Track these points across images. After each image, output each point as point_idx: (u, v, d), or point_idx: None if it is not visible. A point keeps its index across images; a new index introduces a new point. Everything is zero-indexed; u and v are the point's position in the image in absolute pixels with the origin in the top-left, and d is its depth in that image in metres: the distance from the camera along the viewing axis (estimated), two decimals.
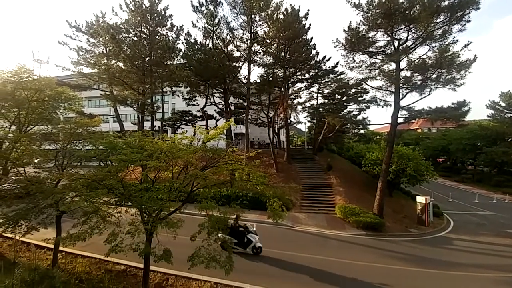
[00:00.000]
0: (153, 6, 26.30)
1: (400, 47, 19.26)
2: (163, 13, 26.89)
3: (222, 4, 25.21)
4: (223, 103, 30.54)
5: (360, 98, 27.71)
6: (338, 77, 28.19)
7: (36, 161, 11.06)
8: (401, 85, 19.56)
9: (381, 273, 11.47)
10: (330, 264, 11.91)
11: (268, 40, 25.20)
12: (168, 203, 7.75)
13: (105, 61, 27.55)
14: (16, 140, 10.98)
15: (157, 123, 34.12)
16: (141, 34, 26.60)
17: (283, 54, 26.00)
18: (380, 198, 19.07)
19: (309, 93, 33.21)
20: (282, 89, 29.31)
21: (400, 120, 20.22)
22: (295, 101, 34.32)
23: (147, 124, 30.12)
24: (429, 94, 19.53)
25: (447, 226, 20.36)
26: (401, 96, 19.72)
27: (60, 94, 13.51)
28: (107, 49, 27.46)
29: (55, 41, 48.47)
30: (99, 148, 9.30)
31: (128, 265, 10.61)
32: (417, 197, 21.15)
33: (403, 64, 19.37)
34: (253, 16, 24.07)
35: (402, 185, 26.59)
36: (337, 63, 27.86)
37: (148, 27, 26.48)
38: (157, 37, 27.14)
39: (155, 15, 26.47)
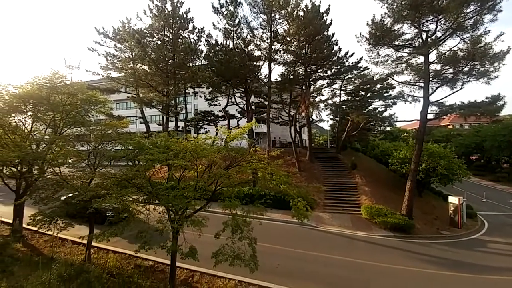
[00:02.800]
0: (175, 10, 26.96)
1: (429, 39, 18.26)
2: (184, 16, 27.48)
3: (242, 4, 25.32)
4: (244, 102, 30.67)
5: (385, 94, 26.62)
6: (362, 73, 27.31)
7: (70, 161, 11.74)
8: (430, 79, 18.55)
9: (413, 276, 11.01)
10: (357, 266, 11.58)
11: (288, 38, 24.97)
12: (193, 201, 7.92)
13: (131, 65, 28.67)
14: (51, 142, 11.73)
15: (181, 124, 34.98)
16: (165, 38, 27.35)
17: (304, 51, 25.63)
18: (409, 198, 18.25)
19: (332, 90, 32.57)
20: (304, 87, 28.92)
21: (430, 116, 19.19)
22: (317, 99, 33.73)
23: (171, 125, 31.00)
24: (461, 88, 18.41)
25: (481, 228, 19.25)
26: (430, 90, 18.74)
27: (91, 97, 14.26)
28: (133, 54, 28.54)
29: (85, 47, 51.27)
30: (128, 149, 9.69)
31: (156, 261, 10.99)
32: (449, 197, 20.08)
33: (432, 57, 18.39)
34: (272, 14, 23.97)
35: (433, 185, 25.33)
36: (361, 59, 27.06)
37: (171, 31, 27.17)
38: (180, 40, 27.78)
39: (177, 18, 27.11)
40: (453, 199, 19.17)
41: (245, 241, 7.97)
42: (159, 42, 27.53)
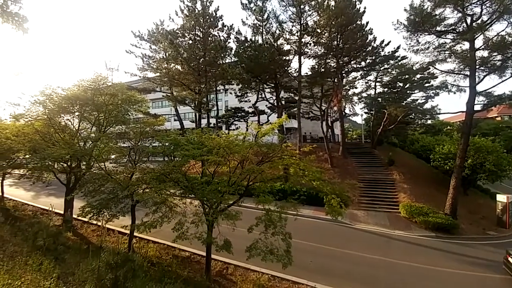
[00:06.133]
0: (205, 9, 27.49)
1: (474, 24, 16.79)
2: (214, 14, 27.91)
3: None
4: (274, 98, 30.54)
5: (427, 85, 24.83)
6: (400, 63, 25.75)
7: (112, 157, 12.57)
8: (477, 67, 17.12)
9: (457, 279, 10.27)
10: (395, 267, 11.05)
11: (319, 30, 24.22)
12: (227, 195, 8.08)
13: (165, 65, 29.92)
14: (96, 139, 12.66)
15: (213, 120, 35.89)
16: (195, 37, 28.07)
17: (335, 43, 24.75)
18: (453, 196, 17.01)
19: (366, 82, 31.18)
20: (336, 80, 27.96)
21: (477, 107, 17.81)
22: (350, 92, 32.58)
23: (203, 122, 31.89)
24: (511, 76, 16.73)
25: None
26: (477, 79, 17.28)
27: (130, 97, 15.09)
28: (167, 54, 29.75)
29: (123, 50, 54.54)
30: (165, 145, 10.14)
31: (192, 252, 11.44)
32: (497, 195, 18.48)
33: (478, 43, 16.99)
34: (302, 6, 23.38)
35: (479, 182, 23.49)
36: (398, 47, 25.44)
37: (201, 30, 27.78)
38: (210, 38, 28.33)
39: (207, 17, 27.63)
40: (501, 197, 17.73)
41: (278, 236, 7.97)
42: (190, 42, 28.33)
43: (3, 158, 14.45)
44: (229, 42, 28.95)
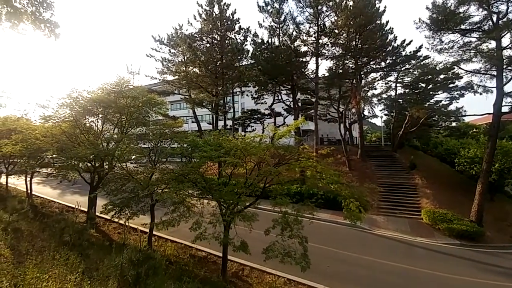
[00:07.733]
0: (222, 13, 27.88)
1: (500, 22, 16.05)
2: (231, 18, 28.25)
3: (287, 0, 25.05)
4: (290, 100, 30.40)
5: (451, 85, 23.70)
6: (422, 63, 24.81)
7: (133, 157, 12.97)
8: (504, 66, 16.33)
9: None
10: (415, 275, 10.64)
11: (336, 31, 23.90)
12: (243, 197, 8.13)
13: (184, 68, 30.59)
14: (119, 140, 13.10)
15: (229, 122, 36.21)
16: (213, 40, 28.52)
17: (354, 43, 24.26)
18: (479, 202, 16.21)
19: (386, 83, 30.20)
20: (354, 81, 27.37)
21: (504, 109, 16.88)
22: (369, 93, 31.76)
23: (220, 124, 32.29)
24: None
25: None
26: (505, 80, 16.51)
27: (151, 100, 15.49)
28: (185, 57, 30.40)
29: (144, 54, 56.34)
30: (183, 146, 10.35)
31: (209, 252, 11.59)
32: None
33: (505, 41, 16.19)
34: (319, 7, 23.17)
35: (507, 188, 22.15)
36: (420, 47, 24.47)
37: (219, 33, 28.18)
38: (227, 41, 28.68)
39: (224, 20, 28.01)
40: None
41: (295, 239, 7.91)
42: (208, 45, 28.81)
43: (33, 158, 15.29)
44: (245, 45, 29.17)
